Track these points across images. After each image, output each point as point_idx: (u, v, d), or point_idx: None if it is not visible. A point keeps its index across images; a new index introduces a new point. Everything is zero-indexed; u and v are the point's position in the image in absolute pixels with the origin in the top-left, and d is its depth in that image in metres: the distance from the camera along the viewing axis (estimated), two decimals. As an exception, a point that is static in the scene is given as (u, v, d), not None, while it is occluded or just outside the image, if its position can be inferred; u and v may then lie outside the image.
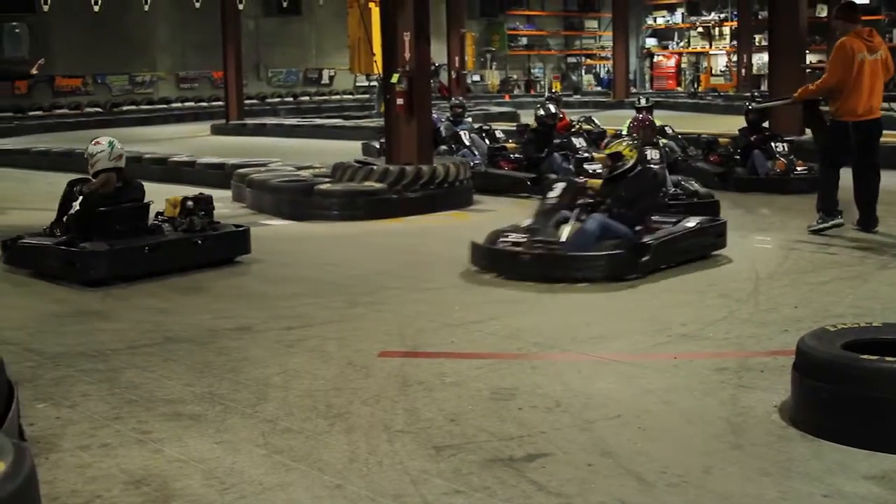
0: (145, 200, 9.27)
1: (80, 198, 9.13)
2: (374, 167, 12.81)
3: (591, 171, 11.26)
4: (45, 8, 26.43)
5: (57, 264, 8.84)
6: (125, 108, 35.94)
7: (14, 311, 7.74)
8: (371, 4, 20.84)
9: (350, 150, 17.64)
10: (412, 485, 4.31)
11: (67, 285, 8.67)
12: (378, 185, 12.40)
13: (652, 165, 10.70)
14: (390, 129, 13.26)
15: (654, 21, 43.65)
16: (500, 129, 17.40)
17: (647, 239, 8.74)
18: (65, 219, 9.24)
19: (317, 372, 6.02)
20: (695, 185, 11.45)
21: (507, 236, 8.95)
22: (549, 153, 13.94)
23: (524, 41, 45.19)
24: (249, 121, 28.52)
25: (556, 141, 14.19)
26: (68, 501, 4.27)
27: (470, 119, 18.50)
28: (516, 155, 14.69)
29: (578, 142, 14.21)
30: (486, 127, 17.34)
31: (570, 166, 13.45)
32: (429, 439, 4.83)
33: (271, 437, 4.94)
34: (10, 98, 34.34)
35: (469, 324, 7.08)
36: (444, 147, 15.40)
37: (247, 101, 30.92)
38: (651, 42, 43.51)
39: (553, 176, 13.18)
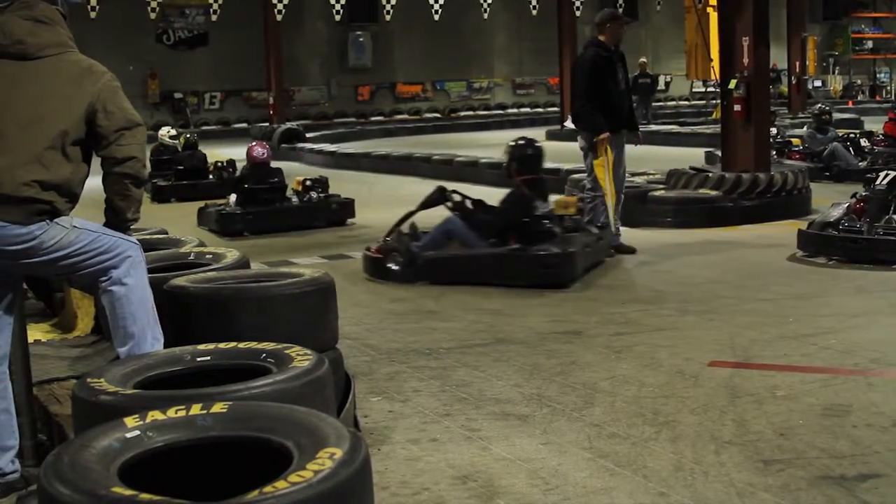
0: None
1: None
2: (710, 174, 12.64)
3: None
4: (388, 18, 27.45)
5: None
6: (462, 113, 36.94)
7: (355, 308, 8.07)
8: (709, 9, 20.59)
9: (685, 156, 17.40)
10: (738, 497, 4.23)
11: (404, 286, 9.01)
12: (713, 193, 12.23)
13: None
14: (727, 135, 13.03)
15: None
16: (863, 138, 16.71)
17: None
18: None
19: (645, 379, 6.00)
20: None
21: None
22: None
23: (869, 44, 43.54)
24: (584, 127, 28.53)
25: None
26: (398, 492, 4.42)
27: (833, 129, 17.63)
28: None
29: None
30: (851, 134, 16.64)
31: None
32: (757, 452, 4.73)
33: (597, 441, 4.96)
34: (354, 104, 35.97)
35: (803, 336, 6.87)
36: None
37: (581, 108, 30.97)
38: None
39: None
